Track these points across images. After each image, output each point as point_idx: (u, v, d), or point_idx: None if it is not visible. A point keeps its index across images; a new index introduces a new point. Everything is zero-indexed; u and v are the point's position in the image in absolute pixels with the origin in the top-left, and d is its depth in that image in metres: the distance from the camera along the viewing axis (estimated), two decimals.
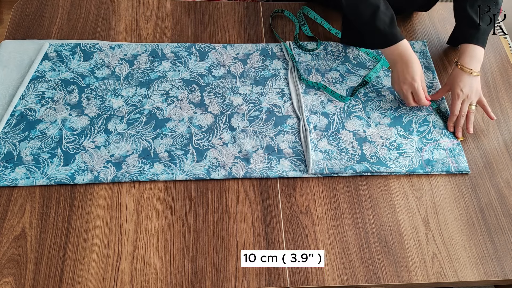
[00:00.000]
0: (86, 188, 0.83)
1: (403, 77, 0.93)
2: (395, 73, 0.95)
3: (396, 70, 0.94)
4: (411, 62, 0.92)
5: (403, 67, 0.93)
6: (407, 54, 0.93)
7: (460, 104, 0.95)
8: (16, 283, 0.73)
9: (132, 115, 0.92)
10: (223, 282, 0.76)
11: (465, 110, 0.96)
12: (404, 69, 0.93)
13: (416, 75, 0.93)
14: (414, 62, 0.93)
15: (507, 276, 0.80)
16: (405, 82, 0.93)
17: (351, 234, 0.82)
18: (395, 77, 0.95)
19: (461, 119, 0.96)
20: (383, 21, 0.93)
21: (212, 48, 1.05)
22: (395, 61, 0.94)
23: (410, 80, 0.93)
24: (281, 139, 0.92)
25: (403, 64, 0.93)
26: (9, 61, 0.97)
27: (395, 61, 0.94)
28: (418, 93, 0.93)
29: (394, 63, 0.95)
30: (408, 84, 0.93)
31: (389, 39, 0.93)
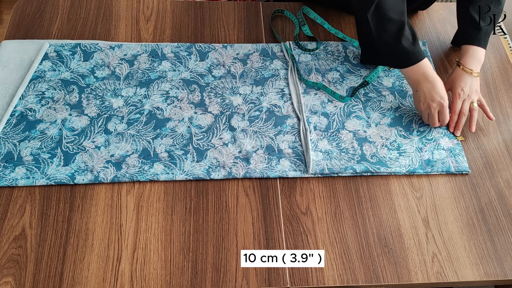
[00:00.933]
0: (86, 188, 0.83)
1: (431, 96, 0.91)
2: (420, 92, 0.92)
3: (421, 90, 0.92)
4: (436, 81, 0.91)
5: (429, 86, 0.91)
6: (431, 73, 0.91)
7: (461, 103, 0.95)
8: (16, 283, 0.73)
9: (132, 115, 0.92)
10: (223, 282, 0.76)
11: (466, 109, 0.95)
12: (430, 88, 0.90)
13: (444, 93, 0.91)
14: (439, 81, 0.91)
15: (507, 276, 0.80)
16: (433, 100, 0.91)
17: (351, 234, 0.82)
18: (421, 97, 0.92)
19: (462, 118, 0.96)
20: (408, 39, 0.90)
21: (212, 48, 1.05)
22: (418, 81, 0.92)
23: (439, 99, 0.90)
24: (281, 139, 0.92)
25: (428, 83, 0.91)
26: (9, 61, 0.97)
27: (419, 81, 0.92)
28: (445, 112, 0.91)
29: (417, 83, 0.92)
30: (437, 102, 0.91)
31: (414, 58, 0.91)
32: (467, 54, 0.97)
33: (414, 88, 0.94)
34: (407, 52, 0.91)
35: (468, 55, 0.97)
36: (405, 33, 0.90)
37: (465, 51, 0.98)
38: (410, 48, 0.90)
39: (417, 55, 0.91)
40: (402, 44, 0.90)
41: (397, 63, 0.95)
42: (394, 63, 0.96)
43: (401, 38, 0.90)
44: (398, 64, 0.95)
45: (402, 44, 0.90)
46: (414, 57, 0.91)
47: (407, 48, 0.90)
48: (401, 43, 0.90)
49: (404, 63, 0.93)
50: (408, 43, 0.90)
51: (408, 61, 0.92)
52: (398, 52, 0.92)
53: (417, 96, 0.94)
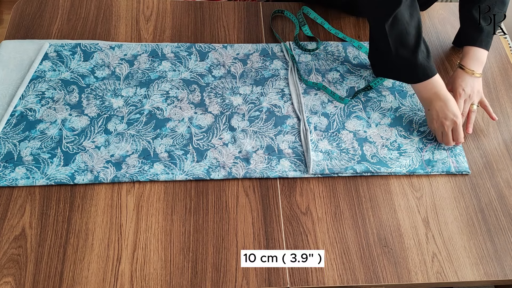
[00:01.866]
0: (86, 188, 0.83)
1: (444, 114, 0.89)
2: (433, 111, 0.90)
3: (434, 108, 0.90)
4: (449, 99, 0.89)
5: (441, 104, 0.89)
6: (443, 91, 0.90)
7: (462, 104, 0.95)
8: (16, 283, 0.73)
9: (132, 115, 0.92)
10: (223, 282, 0.76)
11: (465, 110, 0.95)
12: (443, 106, 0.89)
13: (458, 111, 0.89)
14: (452, 98, 0.90)
15: (507, 276, 0.80)
16: (447, 118, 0.89)
17: (351, 234, 0.82)
18: (434, 115, 0.91)
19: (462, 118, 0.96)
20: (423, 53, 0.89)
21: (212, 48, 1.05)
22: (430, 99, 0.90)
23: (452, 116, 0.89)
24: (281, 139, 0.92)
25: (441, 101, 0.89)
26: (9, 61, 0.97)
27: (431, 99, 0.90)
28: (459, 130, 0.90)
29: (430, 101, 0.91)
30: (450, 120, 0.89)
31: (427, 73, 0.89)
32: (469, 55, 0.97)
33: (427, 107, 0.92)
34: (423, 66, 0.89)
35: (470, 57, 0.97)
36: (422, 47, 0.89)
37: (467, 52, 0.98)
38: (425, 63, 0.89)
39: (430, 71, 0.89)
40: (418, 58, 0.88)
41: (411, 78, 0.92)
42: (407, 77, 0.93)
43: (418, 52, 0.88)
44: (411, 79, 0.92)
45: (419, 59, 0.88)
46: (427, 72, 0.89)
47: (423, 62, 0.88)
48: (418, 57, 0.88)
49: (417, 78, 0.90)
50: (424, 57, 0.89)
51: (422, 76, 0.90)
52: (415, 67, 0.89)
53: (430, 114, 0.92)
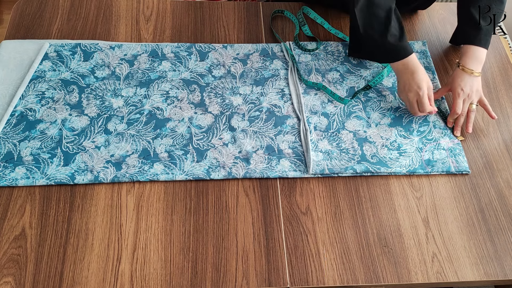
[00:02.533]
0: (86, 188, 0.83)
1: (409, 86, 0.92)
2: (401, 82, 0.94)
3: (402, 80, 0.94)
4: (416, 71, 0.92)
5: (408, 76, 0.92)
6: (413, 63, 0.92)
7: (462, 103, 0.95)
8: (16, 283, 0.73)
9: (132, 115, 0.92)
10: (223, 282, 0.76)
11: (464, 110, 0.96)
12: (410, 77, 0.92)
13: (422, 82, 0.91)
14: (420, 71, 0.92)
15: (507, 276, 0.80)
16: (411, 90, 0.92)
17: (351, 234, 0.82)
18: (401, 86, 0.94)
19: (461, 118, 0.96)
20: (394, 36, 0.92)
21: (212, 48, 1.05)
22: (400, 71, 0.93)
23: (416, 88, 0.91)
24: (281, 139, 0.92)
25: (408, 73, 0.92)
26: (9, 61, 0.97)
27: (401, 71, 0.93)
28: (423, 101, 0.92)
29: (399, 73, 0.94)
30: (414, 92, 0.92)
31: (399, 54, 0.92)
32: (467, 54, 0.97)
33: (398, 79, 0.96)
34: (393, 48, 0.92)
35: (468, 56, 0.97)
36: (392, 29, 0.91)
37: (465, 51, 0.98)
38: (396, 44, 0.92)
39: (403, 51, 0.92)
40: (388, 40, 0.91)
41: (382, 58, 0.98)
42: (379, 58, 0.99)
43: (387, 34, 0.91)
44: (383, 59, 0.98)
45: (388, 40, 0.91)
46: (400, 53, 0.92)
47: (393, 44, 0.92)
48: (387, 39, 0.91)
49: (388, 59, 0.95)
50: (395, 39, 0.92)
51: (393, 57, 0.93)
52: (384, 48, 0.93)
53: (398, 86, 0.96)
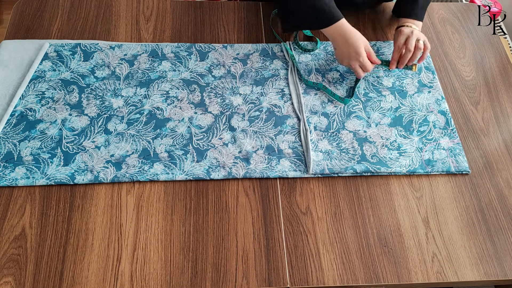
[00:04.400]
0: (86, 188, 0.83)
1: (348, 53, 0.94)
2: (338, 50, 0.96)
3: (339, 47, 0.96)
4: (351, 37, 0.94)
5: (344, 43, 0.94)
6: (346, 30, 0.94)
7: (404, 39, 0.99)
8: (16, 283, 0.73)
9: (132, 115, 0.92)
10: (223, 282, 0.76)
11: (411, 45, 0.99)
12: (345, 44, 0.94)
13: (359, 47, 0.94)
14: (354, 35, 0.94)
15: (507, 276, 0.80)
16: (350, 57, 0.95)
17: (351, 234, 0.82)
18: (340, 54, 0.96)
19: (407, 53, 0.99)
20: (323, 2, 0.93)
21: (212, 48, 1.05)
22: (335, 38, 0.96)
23: (354, 54, 0.94)
24: (281, 139, 0.92)
25: (343, 40, 0.94)
26: (9, 61, 0.97)
27: (335, 38, 0.95)
28: (365, 64, 0.95)
29: (334, 40, 0.96)
30: (354, 58, 0.94)
31: (330, 17, 0.94)
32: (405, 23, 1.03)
33: (334, 47, 0.97)
34: (324, 11, 0.93)
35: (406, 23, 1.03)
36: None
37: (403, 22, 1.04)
38: (326, 8, 0.93)
39: (334, 15, 0.94)
40: (318, 2, 0.93)
41: (316, 24, 0.96)
42: (313, 24, 0.97)
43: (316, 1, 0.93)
44: (317, 24, 0.96)
45: (319, 3, 0.93)
46: (331, 16, 0.94)
47: (323, 7, 0.93)
48: (319, 4, 0.93)
49: (321, 23, 0.95)
50: (324, 4, 0.93)
51: (325, 21, 0.94)
52: (316, 12, 0.94)
53: (337, 54, 0.98)
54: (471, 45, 1.14)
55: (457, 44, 1.14)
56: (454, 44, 1.14)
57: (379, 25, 1.15)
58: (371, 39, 1.12)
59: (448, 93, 1.04)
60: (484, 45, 1.14)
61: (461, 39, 1.15)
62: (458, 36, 1.15)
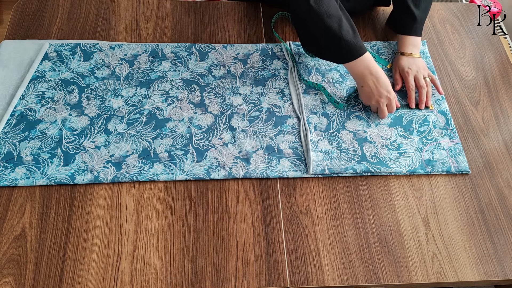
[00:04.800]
0: (86, 188, 0.83)
1: (378, 92, 0.92)
2: (366, 87, 0.93)
3: (368, 85, 0.93)
4: (380, 75, 0.92)
5: (374, 81, 0.92)
6: (374, 66, 0.92)
7: (413, 80, 0.99)
8: (16, 283, 0.73)
9: (132, 115, 0.92)
10: (223, 282, 0.76)
11: (422, 82, 0.99)
12: (376, 83, 0.92)
13: (389, 86, 0.93)
14: (383, 74, 0.92)
15: (507, 276, 0.80)
16: (381, 96, 0.92)
17: (351, 234, 0.82)
18: (368, 92, 0.93)
19: (422, 91, 0.99)
20: (348, 32, 0.90)
21: (212, 48, 1.05)
22: (363, 75, 0.92)
23: (386, 93, 0.92)
24: (281, 139, 0.92)
25: (373, 77, 0.92)
26: (9, 61, 0.97)
27: (364, 76, 0.92)
28: (393, 104, 0.94)
29: (363, 78, 0.93)
30: (384, 97, 0.92)
31: (356, 51, 0.91)
32: (405, 44, 1.04)
33: (360, 84, 0.94)
34: (349, 45, 0.90)
35: (406, 44, 1.04)
36: (344, 26, 0.90)
37: (404, 41, 1.05)
38: (351, 41, 0.90)
39: (359, 49, 0.91)
40: (343, 37, 0.89)
41: (340, 58, 0.94)
42: (337, 58, 0.95)
43: (342, 31, 0.89)
44: (341, 58, 0.93)
45: (344, 37, 0.89)
46: (356, 50, 0.91)
47: (349, 40, 0.90)
48: (342, 36, 0.89)
49: (346, 57, 0.92)
50: (349, 36, 0.90)
51: (351, 55, 0.91)
52: (340, 46, 0.90)
53: (365, 91, 0.94)
54: (471, 45, 1.14)
55: (457, 44, 1.14)
56: (454, 44, 1.14)
57: (379, 25, 1.15)
58: (371, 39, 1.12)
59: (448, 93, 1.04)
60: (484, 45, 1.14)
61: (461, 39, 1.15)
62: (458, 36, 1.15)
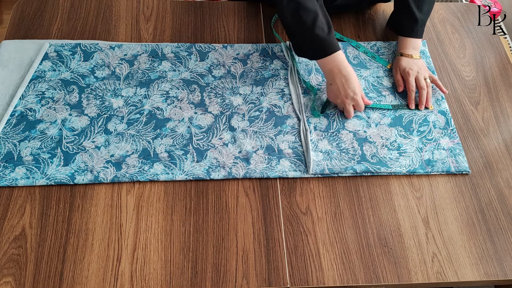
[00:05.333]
0: (86, 188, 0.83)
1: (345, 92, 0.91)
2: (334, 86, 0.92)
3: (336, 83, 0.91)
4: (350, 76, 0.91)
5: (342, 81, 0.91)
6: (346, 66, 0.91)
7: (414, 80, 0.99)
8: (16, 283, 0.73)
9: (132, 115, 0.92)
10: (223, 282, 0.76)
11: (423, 83, 0.98)
12: (344, 83, 0.91)
13: (356, 87, 0.91)
14: (353, 75, 0.91)
15: (507, 276, 0.80)
16: (347, 96, 0.91)
17: (351, 234, 0.82)
18: (335, 90, 0.92)
19: (423, 92, 0.98)
20: (322, 29, 0.90)
21: (212, 48, 1.05)
22: (333, 73, 0.91)
23: (352, 94, 0.91)
24: (281, 139, 0.92)
25: (342, 77, 0.91)
26: (9, 61, 0.97)
27: (334, 73, 0.91)
28: (359, 105, 0.93)
29: (332, 75, 0.92)
30: (350, 98, 0.91)
31: (328, 48, 0.90)
32: (406, 45, 1.03)
33: (329, 81, 0.93)
34: (322, 41, 0.89)
35: (406, 46, 1.03)
36: (319, 23, 0.89)
37: (404, 43, 1.04)
38: (324, 38, 0.89)
39: (331, 46, 0.90)
40: (315, 32, 0.89)
41: (312, 54, 0.93)
42: (309, 53, 0.94)
43: (315, 27, 0.89)
44: (312, 54, 0.93)
45: (316, 32, 0.89)
46: (329, 47, 0.90)
47: (321, 37, 0.89)
48: (315, 31, 0.89)
49: (318, 54, 0.91)
50: (322, 33, 0.89)
51: (323, 52, 0.91)
52: (313, 41, 0.90)
53: (332, 89, 0.93)
54: (471, 45, 1.14)
55: (457, 44, 1.14)
56: (454, 44, 1.14)
57: (379, 25, 1.15)
58: (371, 39, 1.12)
59: (448, 93, 1.04)
60: (484, 45, 1.14)
61: (461, 39, 1.15)
62: (458, 36, 1.15)
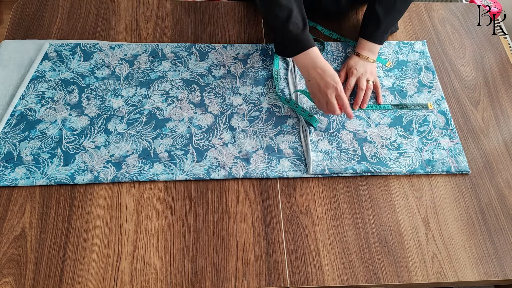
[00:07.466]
0: (86, 188, 0.83)
1: (324, 82, 0.87)
2: (312, 80, 0.89)
3: (313, 78, 0.89)
4: (326, 67, 0.89)
5: (319, 72, 0.88)
6: (321, 61, 0.89)
7: (355, 80, 0.99)
8: (16, 283, 0.73)
9: (132, 115, 0.92)
10: (223, 282, 0.76)
11: (362, 84, 0.98)
12: (321, 73, 0.88)
13: (336, 78, 0.88)
14: (329, 66, 0.89)
15: (507, 276, 0.80)
16: (328, 86, 0.87)
17: (351, 234, 0.82)
18: (315, 84, 0.89)
19: (360, 92, 0.98)
20: (296, 26, 0.89)
21: (212, 48, 1.05)
22: (308, 69, 0.89)
23: (333, 83, 0.87)
24: (281, 139, 0.92)
25: (318, 69, 0.88)
26: (9, 61, 0.97)
27: (309, 69, 0.89)
28: (342, 96, 0.87)
29: (308, 71, 0.90)
30: (332, 87, 0.87)
31: (302, 45, 0.89)
32: (364, 46, 1.02)
33: (307, 78, 0.91)
34: (295, 38, 0.89)
35: (364, 48, 1.02)
36: (293, 19, 0.88)
37: (363, 45, 1.02)
38: (297, 34, 0.89)
39: (306, 42, 0.89)
40: (289, 28, 0.88)
41: (286, 51, 0.93)
42: (284, 50, 0.94)
43: (288, 23, 0.88)
44: (287, 51, 0.92)
45: (289, 29, 0.88)
46: (303, 43, 0.89)
47: (294, 33, 0.89)
48: (288, 28, 0.88)
49: (292, 51, 0.91)
50: (296, 29, 0.89)
51: (296, 48, 0.90)
52: (287, 38, 0.90)
53: (311, 85, 0.90)
54: (471, 45, 1.14)
55: (457, 44, 1.14)
56: (454, 44, 1.14)
57: None
58: None
59: (448, 93, 1.04)
60: (484, 45, 1.14)
61: (461, 39, 1.15)
62: (458, 36, 1.15)
